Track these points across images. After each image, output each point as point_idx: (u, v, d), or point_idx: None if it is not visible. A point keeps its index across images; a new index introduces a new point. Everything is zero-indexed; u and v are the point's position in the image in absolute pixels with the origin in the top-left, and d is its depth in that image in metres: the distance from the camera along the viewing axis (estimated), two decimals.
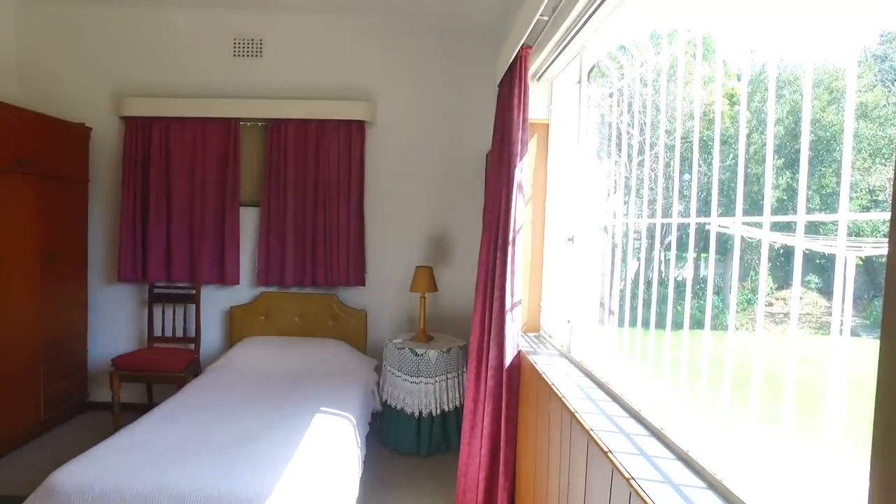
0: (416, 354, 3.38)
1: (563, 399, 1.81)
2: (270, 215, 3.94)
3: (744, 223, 1.33)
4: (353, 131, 3.92)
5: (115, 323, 4.16)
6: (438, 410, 3.42)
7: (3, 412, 3.32)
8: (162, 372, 3.57)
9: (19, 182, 3.36)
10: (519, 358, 2.49)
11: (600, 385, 1.95)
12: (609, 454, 1.36)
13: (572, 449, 1.76)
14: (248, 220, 4.05)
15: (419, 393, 3.37)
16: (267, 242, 3.95)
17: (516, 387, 2.48)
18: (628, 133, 2.12)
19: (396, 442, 3.46)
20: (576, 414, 1.66)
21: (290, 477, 2.11)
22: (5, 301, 3.30)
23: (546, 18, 2.17)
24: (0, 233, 3.23)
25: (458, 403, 3.49)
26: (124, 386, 3.71)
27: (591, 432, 1.51)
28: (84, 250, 4.00)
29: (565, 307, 2.58)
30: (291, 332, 3.98)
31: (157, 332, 4.01)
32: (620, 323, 2.12)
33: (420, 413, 3.39)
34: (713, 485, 1.21)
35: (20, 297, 3.41)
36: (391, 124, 4.05)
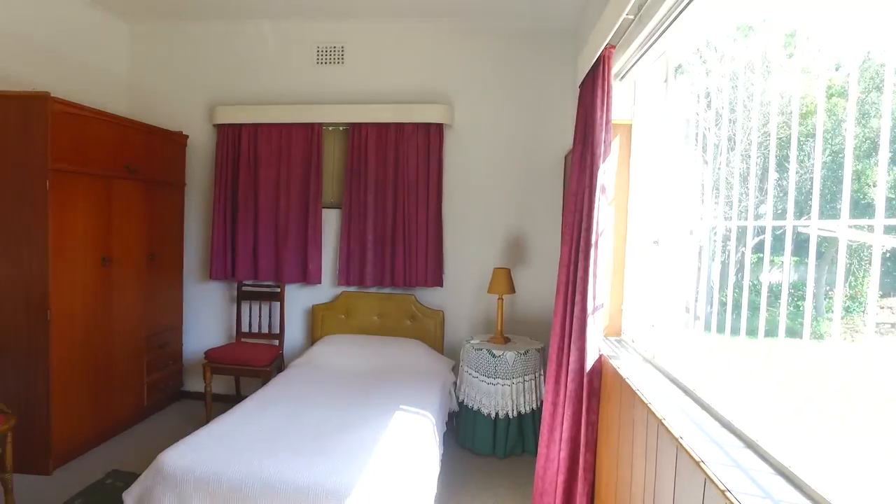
0: (494, 356, 3.39)
1: (649, 405, 1.77)
2: (351, 217, 4.07)
3: (851, 226, 1.26)
4: (432, 134, 3.98)
5: (206, 318, 4.43)
6: (515, 412, 3.41)
7: (115, 397, 3.62)
8: (249, 366, 3.76)
9: (129, 187, 3.64)
10: (600, 362, 2.45)
11: (687, 392, 1.89)
12: (701, 464, 1.32)
13: (659, 457, 1.71)
14: (330, 222, 4.21)
15: (496, 394, 3.38)
16: (348, 243, 4.08)
17: (597, 391, 2.44)
18: (715, 131, 2.04)
19: (472, 442, 3.49)
20: (663, 421, 1.62)
21: (372, 470, 2.17)
22: (119, 296, 3.60)
23: (631, 17, 2.13)
24: (114, 234, 3.53)
25: (535, 406, 3.48)
26: (214, 377, 3.93)
27: (679, 440, 1.47)
28: (180, 250, 4.29)
29: (649, 311, 2.52)
30: (370, 331, 4.10)
31: (245, 328, 4.24)
32: (707, 328, 2.05)
33: (496, 414, 3.40)
34: None
35: (128, 293, 3.70)
36: (469, 126, 4.09)
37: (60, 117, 3.07)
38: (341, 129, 4.17)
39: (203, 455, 2.23)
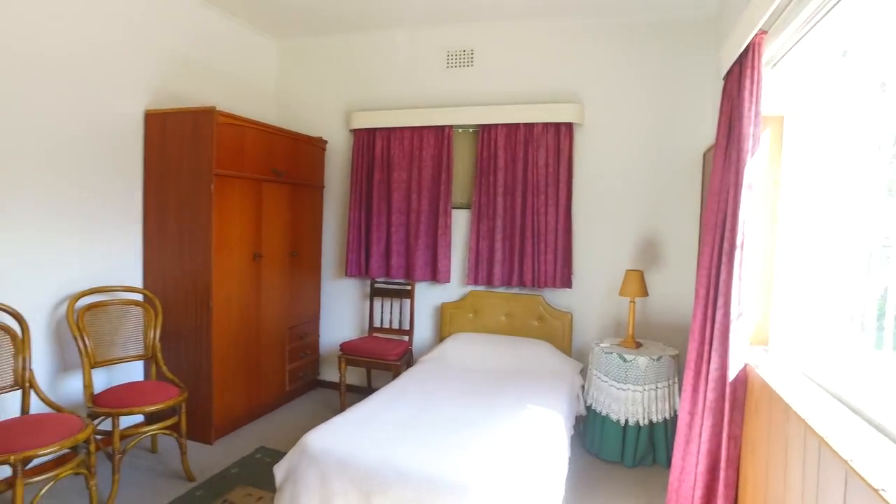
0: (625, 360, 3.28)
1: (806, 421, 1.62)
2: (480, 217, 4.13)
3: None
4: (562, 133, 3.93)
5: (341, 313, 4.71)
6: (646, 420, 3.27)
7: (262, 381, 3.97)
8: (381, 359, 3.95)
9: (276, 190, 3.98)
10: (745, 372, 2.28)
11: (854, 409, 1.70)
12: (882, 493, 1.18)
13: (821, 480, 1.56)
14: (460, 222, 4.30)
15: (626, 400, 3.27)
16: (477, 243, 4.15)
17: (741, 403, 2.27)
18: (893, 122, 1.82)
19: (600, 448, 3.39)
20: (826, 440, 1.47)
21: (502, 466, 2.19)
22: (267, 289, 3.95)
23: None
24: (263, 232, 3.87)
25: (668, 415, 3.31)
26: (348, 369, 4.18)
27: (850, 463, 1.33)
28: (319, 248, 4.61)
29: (803, 320, 2.30)
30: (497, 331, 4.13)
31: (377, 323, 4.45)
32: (879, 345, 1.83)
33: (626, 421, 3.28)
34: None
35: (274, 287, 4.04)
36: (600, 125, 3.98)
37: (223, 128, 3.42)
38: (471, 130, 4.25)
39: (342, 439, 2.38)
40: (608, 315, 4.01)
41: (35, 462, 2.37)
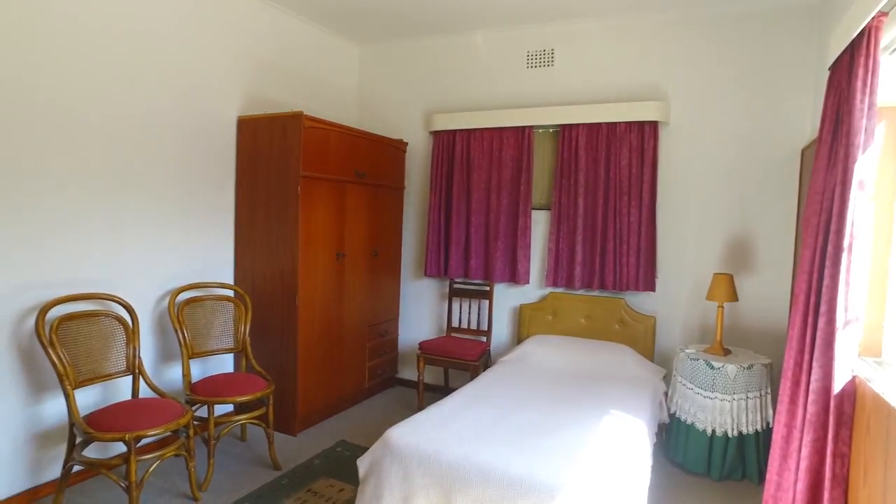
0: (712, 367, 3.13)
1: None
2: (560, 218, 4.07)
3: None
4: (646, 132, 3.81)
5: (419, 312, 4.77)
6: (735, 431, 3.10)
7: (344, 377, 4.10)
8: (459, 359, 3.97)
9: (358, 191, 4.09)
10: (854, 384, 2.11)
11: None
12: None
13: None
14: (539, 223, 4.25)
15: (713, 409, 3.12)
16: (557, 245, 4.09)
17: (849, 418, 2.11)
18: None
19: (684, 458, 3.25)
20: None
21: (585, 469, 2.15)
22: (349, 287, 4.07)
23: None
24: (346, 232, 3.99)
25: (759, 427, 3.13)
26: (426, 368, 4.22)
27: None
28: (399, 248, 4.69)
29: None
30: (577, 333, 4.05)
31: (455, 323, 4.48)
32: None
33: (713, 431, 3.13)
34: None
35: (356, 285, 4.16)
36: (686, 122, 3.83)
37: (309, 131, 3.56)
38: (551, 130, 4.20)
39: (424, 436, 2.41)
40: (693, 320, 3.85)
41: (143, 442, 2.55)
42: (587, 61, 4.10)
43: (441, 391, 4.51)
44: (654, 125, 3.80)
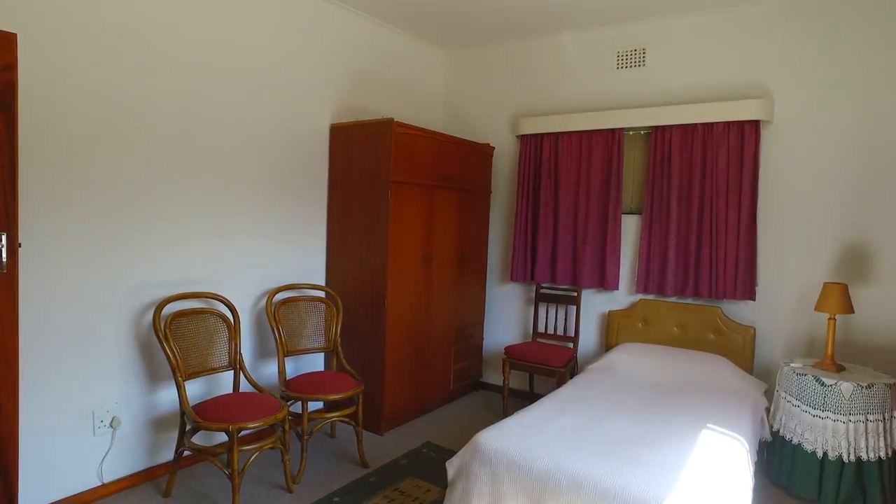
0: (823, 384, 2.90)
1: None
2: (652, 223, 3.93)
3: None
4: (746, 132, 3.60)
5: (505, 317, 4.75)
6: (852, 456, 2.85)
7: (430, 379, 4.15)
8: (545, 365, 3.91)
9: (446, 195, 4.13)
10: None
11: None
12: None
13: None
14: (629, 228, 4.13)
15: (824, 430, 2.88)
16: (648, 250, 3.95)
17: None
18: None
19: (789, 481, 3.03)
20: None
21: (682, 486, 2.05)
22: (436, 290, 4.12)
23: None
24: (434, 236, 4.05)
25: (883, 454, 2.85)
26: (511, 373, 4.19)
27: None
28: (485, 252, 4.70)
29: None
30: (669, 342, 3.89)
31: (541, 329, 4.42)
32: None
33: (825, 454, 2.89)
34: None
35: (443, 289, 4.20)
36: (793, 120, 3.58)
37: (399, 137, 3.64)
38: (642, 133, 4.07)
39: (514, 442, 2.39)
40: (798, 332, 3.58)
41: (242, 433, 2.69)
42: (681, 60, 3.94)
43: (526, 397, 4.47)
44: (755, 124, 3.58)
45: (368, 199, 3.72)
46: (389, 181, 3.60)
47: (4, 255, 2.11)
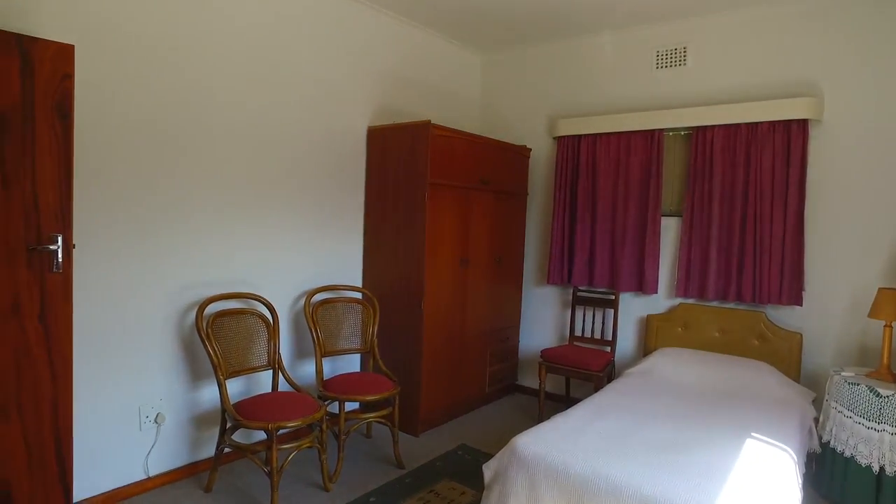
0: (878, 395, 2.78)
1: None
2: (692, 225, 3.85)
3: None
4: (793, 132, 3.48)
5: (541, 319, 4.71)
6: None
7: (466, 381, 4.15)
8: (583, 369, 3.86)
9: (482, 198, 4.13)
10: None
11: None
12: None
13: None
14: (669, 231, 4.04)
15: (880, 443, 2.76)
16: (688, 253, 3.87)
17: None
18: None
19: (842, 496, 2.91)
20: None
21: (726, 496, 2.00)
22: (472, 293, 4.11)
23: None
24: (470, 239, 4.04)
25: None
26: (547, 376, 4.14)
27: None
28: (521, 254, 4.67)
29: None
30: (710, 347, 3.80)
31: (578, 332, 4.37)
32: None
33: (881, 469, 2.77)
34: None
35: (479, 291, 4.19)
36: (844, 119, 3.44)
37: (436, 140, 3.65)
38: (683, 133, 3.98)
39: (551, 446, 2.36)
40: (849, 339, 3.45)
41: (281, 432, 2.73)
42: (724, 58, 3.84)
43: (562, 400, 4.42)
44: (803, 123, 3.47)
45: (405, 202, 3.74)
46: (426, 183, 3.61)
47: (60, 255, 2.20)
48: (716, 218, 3.74)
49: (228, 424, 2.87)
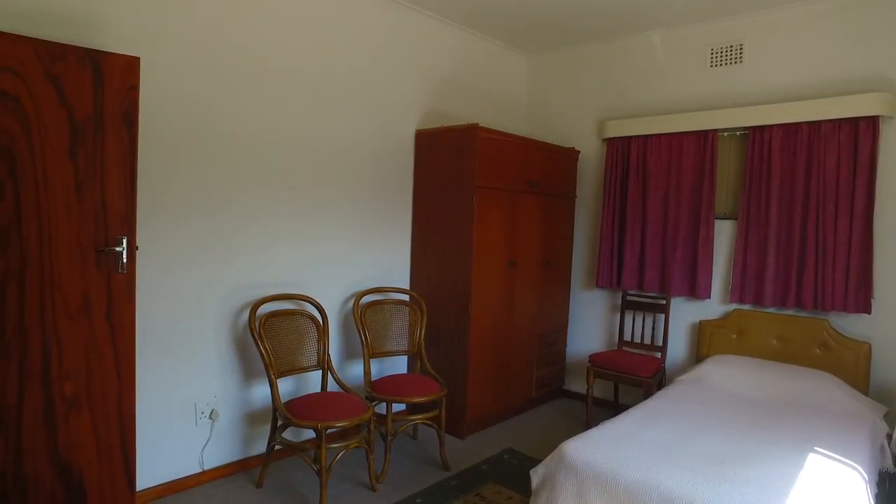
0: None
1: None
2: (749, 228, 3.71)
3: None
4: (861, 130, 3.31)
5: (589, 323, 4.64)
6: None
7: (512, 385, 4.13)
8: (632, 375, 3.78)
9: (530, 200, 4.10)
10: None
11: None
12: None
13: None
14: (723, 234, 3.91)
15: None
16: (744, 257, 3.73)
17: None
18: None
19: None
20: None
21: None
22: (519, 296, 4.09)
23: None
24: (517, 241, 4.02)
25: None
26: (595, 381, 4.07)
27: None
28: (569, 257, 4.62)
29: None
30: (767, 356, 3.65)
31: (627, 337, 4.28)
32: None
33: None
34: None
35: (526, 294, 4.16)
36: None
37: (484, 143, 3.65)
38: (738, 133, 3.85)
39: (600, 453, 2.32)
40: None
41: (329, 431, 2.78)
42: (784, 54, 3.69)
43: (610, 406, 4.34)
44: (872, 121, 3.29)
45: (453, 204, 3.75)
46: (474, 186, 3.61)
47: (125, 257, 2.31)
48: (774, 220, 3.60)
49: (279, 422, 2.94)
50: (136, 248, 2.39)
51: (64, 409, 2.24)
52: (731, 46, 3.91)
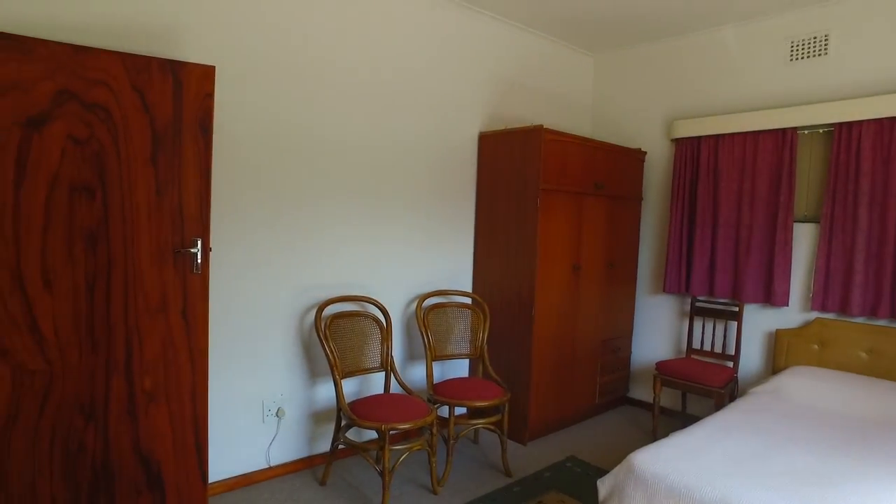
0: None
1: None
2: (832, 232, 3.49)
3: None
4: None
5: (655, 330, 4.48)
6: None
7: (575, 391, 4.04)
8: (702, 384, 3.62)
9: (595, 203, 4.00)
10: None
11: None
12: None
13: None
14: (802, 238, 3.69)
15: None
16: (826, 263, 3.51)
17: None
18: None
19: None
20: None
21: None
22: (584, 300, 4.00)
23: None
24: (582, 244, 3.93)
25: None
26: (662, 390, 3.92)
27: None
28: (635, 261, 4.48)
29: None
30: (854, 369, 3.41)
31: (696, 345, 4.11)
32: None
33: None
34: None
35: (591, 298, 4.07)
36: None
37: (549, 145, 3.58)
38: (821, 131, 3.62)
39: (672, 466, 2.22)
40: None
41: (392, 432, 2.79)
42: (875, 44, 3.43)
43: (677, 416, 4.18)
44: None
45: (517, 207, 3.71)
46: (538, 189, 3.56)
47: (199, 258, 2.40)
48: (863, 223, 3.36)
49: (343, 422, 2.98)
50: (210, 249, 2.48)
51: (144, 401, 2.35)
52: (816, 38, 3.68)
